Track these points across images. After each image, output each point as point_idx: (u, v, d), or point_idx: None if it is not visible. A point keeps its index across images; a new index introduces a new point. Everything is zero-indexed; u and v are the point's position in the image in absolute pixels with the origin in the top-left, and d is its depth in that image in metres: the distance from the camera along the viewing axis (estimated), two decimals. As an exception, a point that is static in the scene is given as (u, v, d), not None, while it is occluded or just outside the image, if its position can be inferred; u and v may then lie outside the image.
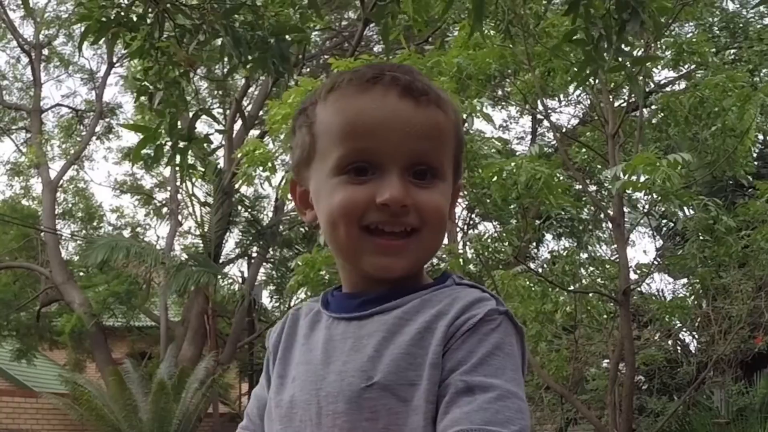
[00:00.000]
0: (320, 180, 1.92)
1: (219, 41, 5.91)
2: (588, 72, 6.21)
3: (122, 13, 5.73)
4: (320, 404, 1.84)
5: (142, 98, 6.24)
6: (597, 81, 11.99)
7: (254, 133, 24.94)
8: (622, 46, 5.98)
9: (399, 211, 1.83)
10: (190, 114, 6.36)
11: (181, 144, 6.07)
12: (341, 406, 1.81)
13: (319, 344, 1.94)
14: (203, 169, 22.92)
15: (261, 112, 25.28)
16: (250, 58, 5.65)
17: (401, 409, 1.78)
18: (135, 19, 5.77)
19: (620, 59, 6.11)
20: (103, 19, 5.56)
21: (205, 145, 7.00)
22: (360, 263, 1.91)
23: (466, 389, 1.74)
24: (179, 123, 6.16)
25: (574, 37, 6.23)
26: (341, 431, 1.80)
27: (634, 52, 9.75)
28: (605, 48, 5.94)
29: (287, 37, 5.72)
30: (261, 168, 13.06)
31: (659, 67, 13.70)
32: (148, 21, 5.80)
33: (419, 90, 1.88)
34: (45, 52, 30.80)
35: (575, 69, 7.30)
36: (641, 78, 11.94)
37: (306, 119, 1.97)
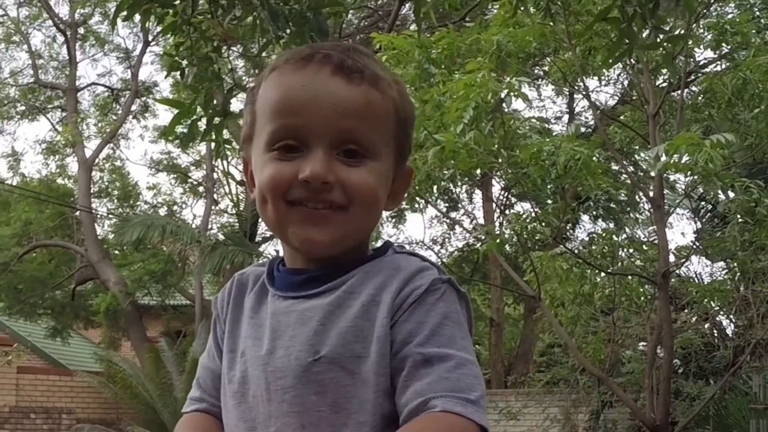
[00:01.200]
0: (256, 156, 1.95)
1: (255, 15, 5.82)
2: (622, 50, 6.09)
3: (155, -12, 5.67)
4: (268, 380, 1.86)
5: (174, 74, 6.19)
6: (637, 60, 11.86)
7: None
8: (657, 24, 5.87)
9: (320, 188, 1.84)
10: (226, 90, 6.28)
11: (216, 120, 6.01)
12: (289, 380, 1.83)
13: (266, 319, 1.95)
14: (239, 146, 22.90)
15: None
16: (287, 32, 5.58)
17: (349, 382, 1.80)
18: (168, -6, 5.71)
19: (656, 38, 6.00)
20: (136, -6, 5.50)
21: (240, 121, 6.90)
22: (286, 236, 1.92)
23: (423, 361, 1.78)
24: (215, 99, 6.11)
25: (609, 15, 6.12)
26: (290, 406, 1.82)
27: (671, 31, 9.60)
28: (640, 26, 5.86)
29: (324, 10, 5.66)
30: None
31: (701, 47, 13.54)
32: (181, -4, 5.73)
33: (351, 68, 1.87)
34: (80, 30, 30.86)
35: (608, 48, 7.23)
36: (682, 57, 11.80)
37: (251, 97, 2.00)
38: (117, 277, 25.91)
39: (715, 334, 17.34)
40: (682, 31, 11.26)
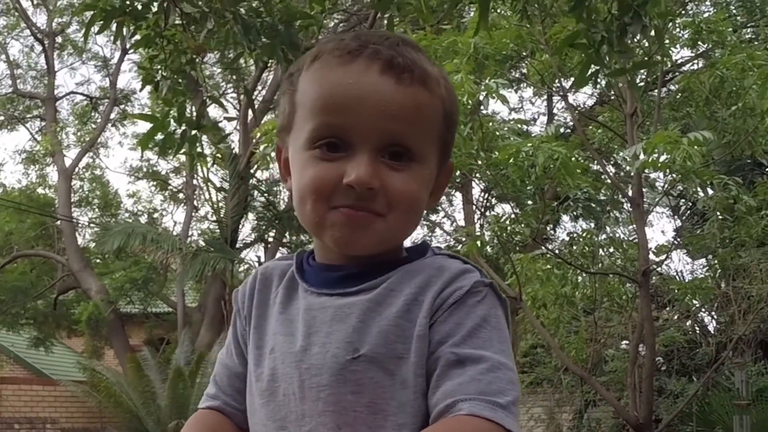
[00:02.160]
0: (294, 151, 1.88)
1: (228, 29, 5.83)
2: (590, 74, 6.14)
3: (127, 2, 5.67)
4: (302, 377, 1.80)
5: (149, 86, 6.19)
6: (615, 62, 11.89)
7: (268, 117, 24.86)
8: (623, 50, 5.93)
9: (365, 194, 1.77)
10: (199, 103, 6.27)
11: (192, 131, 6.00)
12: (325, 378, 1.77)
13: (298, 315, 1.88)
14: (214, 157, 22.91)
15: (275, 96, 25.25)
16: (259, 44, 5.59)
17: (388, 383, 1.75)
18: (140, 7, 5.71)
19: (622, 63, 6.07)
20: (108, 7, 5.50)
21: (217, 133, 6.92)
22: (325, 238, 1.85)
23: (456, 362, 1.73)
24: (192, 110, 6.11)
25: (576, 41, 6.16)
26: (325, 405, 1.76)
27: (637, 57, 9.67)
28: (606, 51, 5.91)
29: (296, 23, 5.66)
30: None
31: (678, 46, 13.59)
32: (153, 9, 5.73)
33: (402, 66, 1.79)
34: (58, 40, 30.75)
35: (576, 72, 7.30)
36: (658, 57, 11.84)
37: (290, 86, 1.91)
38: (99, 286, 25.84)
39: (697, 331, 17.41)
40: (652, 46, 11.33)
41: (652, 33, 6.94)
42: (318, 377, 1.77)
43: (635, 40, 6.84)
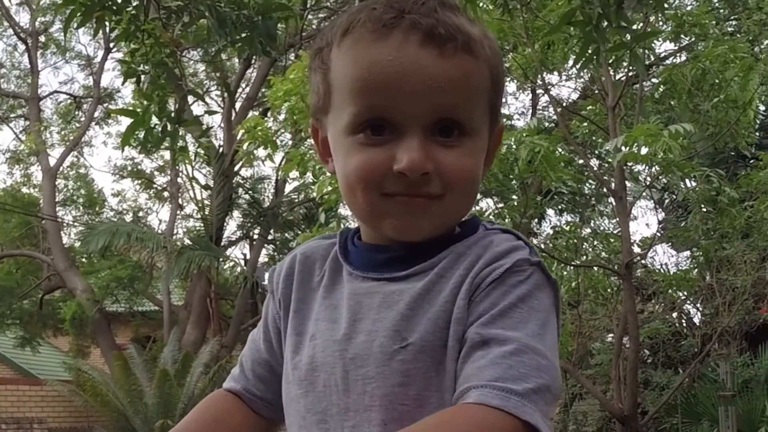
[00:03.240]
0: (336, 136, 1.74)
1: (203, 22, 5.81)
2: (590, 53, 6.03)
3: (107, -4, 5.64)
4: (347, 368, 1.67)
5: (130, 81, 6.17)
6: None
7: (252, 114, 24.85)
8: (622, 23, 5.82)
9: (419, 180, 1.64)
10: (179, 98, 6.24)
11: (171, 127, 5.97)
12: (372, 370, 1.64)
13: (343, 300, 1.76)
14: (196, 152, 22.87)
15: (259, 94, 25.25)
16: (237, 38, 5.54)
17: (434, 373, 1.62)
18: (120, 1, 5.67)
19: (621, 37, 5.96)
20: (88, 3, 5.47)
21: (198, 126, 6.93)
22: (381, 227, 1.73)
23: (481, 342, 1.58)
24: (172, 105, 6.09)
25: (573, 18, 6.06)
26: (372, 399, 1.64)
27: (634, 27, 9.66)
28: (605, 27, 5.77)
29: (273, 15, 5.62)
30: (262, 146, 13.00)
31: (660, 39, 13.64)
32: (133, 3, 5.70)
33: (444, 36, 1.63)
34: (41, 39, 30.68)
35: (576, 50, 7.17)
36: (642, 51, 11.87)
37: (321, 64, 1.75)
38: (84, 285, 25.77)
39: (683, 323, 17.46)
40: (641, 26, 11.36)
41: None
42: (364, 368, 1.65)
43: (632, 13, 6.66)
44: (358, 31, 1.66)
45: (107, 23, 5.81)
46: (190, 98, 7.39)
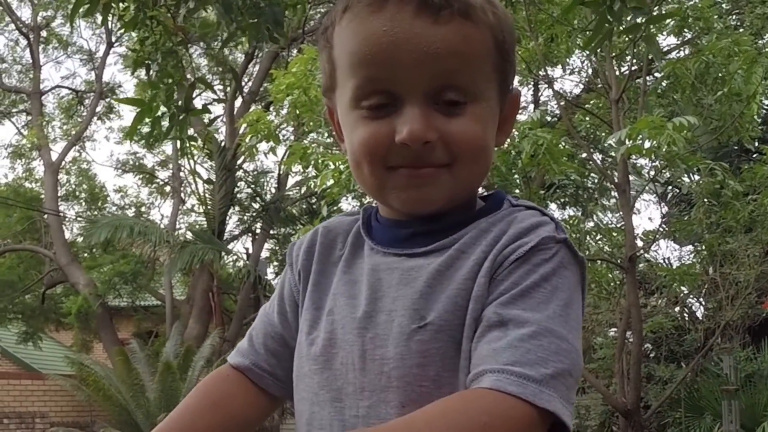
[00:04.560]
0: (343, 112, 1.74)
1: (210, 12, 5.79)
2: (603, 34, 5.97)
3: (114, -17, 5.60)
4: (365, 347, 1.65)
5: (139, 73, 6.16)
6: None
7: (255, 108, 24.85)
8: (636, 4, 5.76)
9: (422, 150, 1.62)
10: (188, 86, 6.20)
11: (180, 115, 5.94)
12: (391, 350, 1.62)
13: (363, 276, 1.74)
14: (203, 142, 22.87)
15: (261, 88, 25.26)
16: (244, 24, 5.50)
17: (453, 353, 1.59)
18: (127, -12, 5.65)
19: (635, 18, 5.89)
20: (95, -11, 5.44)
21: (205, 116, 6.91)
22: (388, 200, 1.72)
23: (498, 323, 1.54)
24: (176, 95, 6.05)
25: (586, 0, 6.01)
26: (389, 380, 1.62)
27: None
28: (618, 7, 5.72)
29: (280, 1, 5.58)
30: (265, 140, 13.00)
31: (663, 33, 13.62)
32: (141, -10, 5.67)
33: (438, 3, 1.60)
34: (43, 33, 30.68)
35: (588, 32, 7.11)
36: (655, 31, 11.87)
37: (326, 43, 1.76)
38: (86, 280, 25.76)
39: (686, 318, 17.46)
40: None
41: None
42: (383, 348, 1.63)
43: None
44: (356, 6, 1.66)
45: (114, 12, 5.78)
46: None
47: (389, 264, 1.72)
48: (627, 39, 10.92)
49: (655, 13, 7.76)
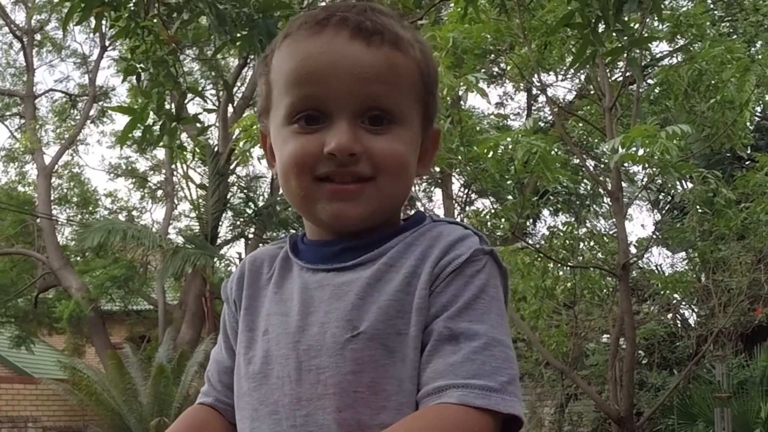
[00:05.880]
0: (275, 130, 1.83)
1: (205, 20, 5.78)
2: (587, 55, 6.03)
3: (106, -8, 5.60)
4: (300, 359, 1.72)
5: (130, 78, 6.14)
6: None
7: (248, 113, 24.83)
8: (619, 27, 5.82)
9: (347, 160, 1.72)
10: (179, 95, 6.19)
11: (170, 124, 5.94)
12: (324, 360, 1.69)
13: (294, 294, 1.81)
14: (194, 150, 22.85)
15: (255, 93, 25.24)
16: (237, 35, 5.51)
17: (388, 361, 1.68)
18: (120, -3, 5.64)
19: (618, 41, 5.96)
20: (88, -2, 5.44)
21: (197, 124, 6.91)
22: (314, 212, 1.79)
23: (450, 336, 1.66)
24: (168, 104, 6.05)
25: (572, 20, 6.06)
26: (325, 387, 1.68)
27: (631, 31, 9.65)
28: (603, 30, 5.79)
29: (274, 13, 5.59)
30: (258, 145, 12.99)
31: (656, 40, 13.63)
32: (133, 0, 5.67)
33: (370, 30, 1.74)
34: (37, 37, 30.66)
35: (573, 52, 7.18)
36: (638, 53, 11.87)
37: (265, 68, 1.87)
38: (79, 284, 25.75)
39: (678, 325, 17.47)
40: (638, 26, 11.34)
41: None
42: (317, 359, 1.70)
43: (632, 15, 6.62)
44: (296, 32, 1.80)
45: (106, 19, 5.78)
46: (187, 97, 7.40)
47: (320, 281, 1.80)
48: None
49: (637, 36, 7.83)
